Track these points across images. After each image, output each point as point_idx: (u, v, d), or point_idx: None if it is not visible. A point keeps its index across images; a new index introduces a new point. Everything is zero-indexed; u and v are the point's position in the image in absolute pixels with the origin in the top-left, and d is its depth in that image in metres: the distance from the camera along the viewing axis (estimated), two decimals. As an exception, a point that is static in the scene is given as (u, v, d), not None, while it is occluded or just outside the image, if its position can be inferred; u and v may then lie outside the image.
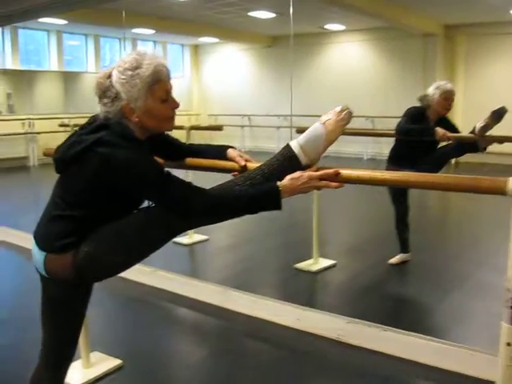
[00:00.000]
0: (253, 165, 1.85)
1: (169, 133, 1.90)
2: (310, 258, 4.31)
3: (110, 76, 1.64)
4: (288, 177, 1.67)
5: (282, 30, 12.41)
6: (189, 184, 1.64)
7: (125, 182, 1.58)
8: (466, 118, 8.16)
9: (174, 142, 2.03)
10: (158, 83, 1.62)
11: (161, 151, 1.96)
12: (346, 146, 11.82)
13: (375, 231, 5.71)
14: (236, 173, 1.88)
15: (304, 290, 3.94)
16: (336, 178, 1.68)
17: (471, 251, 4.85)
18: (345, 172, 1.69)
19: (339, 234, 5.79)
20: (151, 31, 12.00)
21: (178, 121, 1.80)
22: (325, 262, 4.31)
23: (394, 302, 3.70)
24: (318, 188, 1.71)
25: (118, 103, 1.62)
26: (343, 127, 1.76)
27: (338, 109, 1.76)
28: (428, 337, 2.76)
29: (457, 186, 1.59)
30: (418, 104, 4.00)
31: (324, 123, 1.75)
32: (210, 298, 3.52)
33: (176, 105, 1.70)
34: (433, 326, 3.25)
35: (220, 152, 1.99)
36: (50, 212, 1.70)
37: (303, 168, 1.73)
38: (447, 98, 3.91)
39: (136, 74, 1.59)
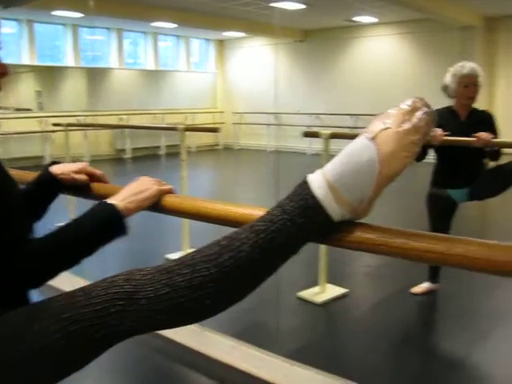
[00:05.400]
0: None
1: None
2: (316, 285, 3.62)
3: None
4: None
5: (313, 23, 11.75)
6: None
7: None
8: (508, 120, 7.31)
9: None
10: None
11: None
12: None
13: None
14: None
15: (301, 330, 3.27)
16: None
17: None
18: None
19: (356, 252, 4.85)
20: (173, 25, 11.45)
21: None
22: (334, 291, 3.63)
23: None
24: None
25: None
26: (417, 144, 0.81)
27: (405, 106, 0.81)
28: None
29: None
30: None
31: (374, 138, 0.80)
32: None
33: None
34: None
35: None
36: None
37: (336, 227, 0.85)
38: (467, 83, 3.19)
39: None
